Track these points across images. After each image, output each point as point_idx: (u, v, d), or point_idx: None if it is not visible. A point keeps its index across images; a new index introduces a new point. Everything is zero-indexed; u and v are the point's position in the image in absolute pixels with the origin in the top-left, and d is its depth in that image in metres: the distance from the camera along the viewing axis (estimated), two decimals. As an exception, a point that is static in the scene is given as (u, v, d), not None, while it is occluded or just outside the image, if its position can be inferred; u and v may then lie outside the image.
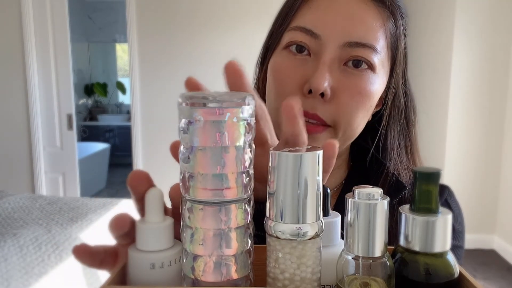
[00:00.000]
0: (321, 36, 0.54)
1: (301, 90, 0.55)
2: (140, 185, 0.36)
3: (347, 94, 0.54)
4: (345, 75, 0.55)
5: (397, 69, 0.60)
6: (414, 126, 0.65)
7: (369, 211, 0.32)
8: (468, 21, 3.11)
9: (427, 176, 0.33)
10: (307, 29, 0.55)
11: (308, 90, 0.53)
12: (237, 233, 0.33)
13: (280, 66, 0.57)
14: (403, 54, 0.60)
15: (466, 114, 3.23)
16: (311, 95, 0.53)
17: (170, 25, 3.16)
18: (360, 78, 0.55)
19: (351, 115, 0.55)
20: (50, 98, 3.14)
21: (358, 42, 0.54)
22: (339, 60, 0.54)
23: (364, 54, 0.54)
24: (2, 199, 2.16)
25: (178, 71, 3.18)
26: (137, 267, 0.35)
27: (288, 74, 0.56)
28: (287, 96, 0.54)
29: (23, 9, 2.96)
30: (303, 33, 0.55)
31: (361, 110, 0.56)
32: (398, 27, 0.58)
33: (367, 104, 0.56)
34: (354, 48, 0.54)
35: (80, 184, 3.31)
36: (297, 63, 0.56)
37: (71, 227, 1.81)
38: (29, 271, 1.49)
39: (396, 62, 0.59)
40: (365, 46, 0.54)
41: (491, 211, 3.35)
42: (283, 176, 0.32)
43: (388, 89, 0.60)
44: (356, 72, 0.55)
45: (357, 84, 0.55)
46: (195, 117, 0.32)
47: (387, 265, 0.32)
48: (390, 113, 0.62)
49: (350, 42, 0.53)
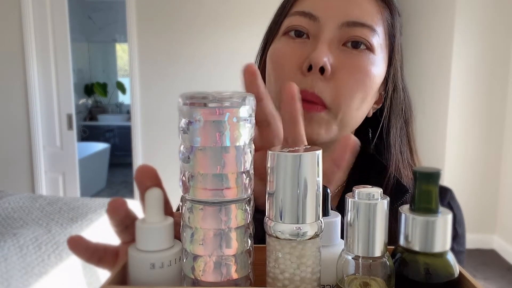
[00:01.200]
0: (319, 18, 0.55)
1: (300, 70, 0.54)
2: (146, 181, 0.36)
3: (346, 72, 0.54)
4: (344, 55, 0.55)
5: (395, 57, 0.60)
6: (413, 124, 0.64)
7: (369, 211, 0.32)
8: (468, 22, 3.11)
9: (427, 176, 0.33)
10: (306, 13, 0.55)
11: (307, 67, 0.53)
12: (237, 233, 0.33)
13: (280, 51, 0.58)
14: (400, 47, 0.60)
15: (466, 114, 3.23)
16: (311, 72, 0.53)
17: (170, 25, 3.16)
18: (360, 57, 0.55)
19: (350, 94, 0.55)
20: (50, 98, 3.14)
21: (356, 22, 0.54)
22: (338, 40, 0.55)
23: (362, 34, 0.54)
24: (2, 199, 2.16)
25: (178, 71, 3.18)
26: (137, 267, 0.35)
27: (288, 57, 0.56)
28: (287, 78, 0.54)
29: (23, 9, 2.96)
30: (301, 17, 0.56)
31: (360, 90, 0.55)
32: (395, 17, 0.59)
33: (367, 84, 0.56)
34: (352, 28, 0.54)
35: (80, 184, 3.31)
36: (296, 46, 0.56)
37: (71, 227, 1.81)
38: (29, 271, 1.49)
39: (394, 50, 0.59)
40: (364, 25, 0.54)
41: (491, 211, 3.35)
42: (282, 176, 0.32)
43: (387, 79, 0.60)
44: (355, 52, 0.55)
45: (356, 63, 0.55)
46: (195, 117, 0.32)
47: (387, 265, 0.32)
48: (391, 108, 0.62)
49: (348, 22, 0.54)
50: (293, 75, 0.55)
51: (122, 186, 5.25)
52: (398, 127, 0.63)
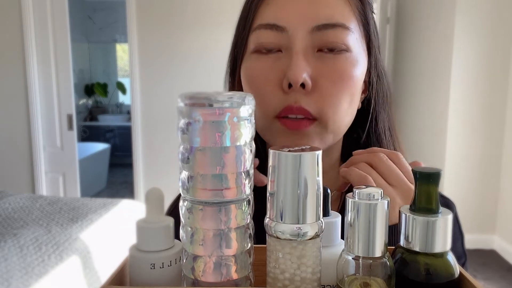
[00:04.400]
0: (286, 28, 0.51)
1: (280, 87, 0.52)
2: None
3: (327, 81, 0.52)
4: (322, 61, 0.52)
5: (374, 46, 0.57)
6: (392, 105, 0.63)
7: (369, 211, 0.32)
8: (468, 22, 3.11)
9: (427, 176, 0.33)
10: (271, 24, 0.52)
11: (287, 85, 0.51)
12: (237, 233, 0.33)
13: (253, 70, 0.55)
14: (376, 32, 0.58)
15: (467, 114, 3.23)
16: (292, 88, 0.51)
17: (170, 25, 3.16)
18: (338, 61, 0.52)
19: (336, 102, 0.53)
20: (50, 98, 3.14)
21: (326, 24, 0.51)
22: (312, 47, 0.52)
23: (335, 36, 0.52)
24: (2, 199, 2.16)
25: (178, 71, 3.18)
26: (137, 267, 0.35)
27: (264, 76, 0.53)
28: (268, 98, 0.53)
29: (23, 9, 2.96)
30: (267, 30, 0.52)
31: (346, 95, 0.53)
32: (364, 2, 0.56)
33: (351, 87, 0.54)
34: (323, 32, 0.51)
35: (81, 184, 3.31)
36: (269, 62, 0.53)
37: (71, 227, 1.81)
38: (29, 271, 1.49)
39: (371, 38, 0.57)
40: (335, 26, 0.51)
41: (491, 211, 3.35)
42: (283, 176, 0.32)
43: (370, 70, 0.58)
44: (332, 56, 0.52)
45: (336, 69, 0.52)
46: (194, 117, 0.32)
47: (387, 265, 0.32)
48: (377, 96, 0.60)
49: (318, 26, 0.51)
50: (274, 94, 0.53)
51: (123, 186, 5.25)
52: (385, 113, 0.62)
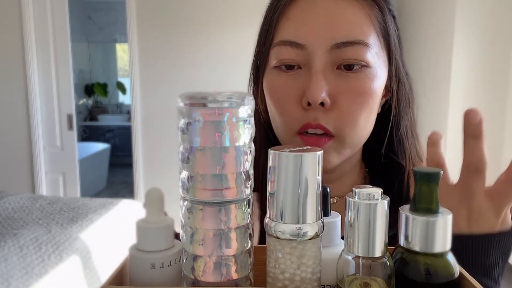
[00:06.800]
0: (306, 46, 0.52)
1: (300, 104, 0.54)
2: None
3: (347, 98, 0.53)
4: (341, 79, 0.53)
5: (394, 55, 0.58)
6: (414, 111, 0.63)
7: (369, 211, 0.32)
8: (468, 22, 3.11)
9: (427, 176, 0.33)
10: (291, 42, 0.53)
11: (307, 103, 0.53)
12: (237, 233, 0.33)
13: (274, 86, 0.57)
14: (397, 38, 0.58)
15: (467, 114, 3.22)
16: (311, 106, 0.53)
17: (170, 25, 3.16)
18: (357, 78, 0.53)
19: (354, 119, 0.54)
20: (50, 98, 3.14)
21: (345, 42, 0.52)
22: (331, 64, 0.53)
23: (354, 54, 0.52)
24: (2, 199, 2.16)
25: (179, 71, 3.18)
26: (137, 267, 0.35)
27: (284, 93, 0.55)
28: (289, 114, 0.55)
29: (23, 9, 2.96)
30: (287, 47, 0.54)
31: (364, 110, 0.54)
32: (384, 12, 0.55)
33: (370, 103, 0.54)
34: (342, 49, 0.52)
35: (81, 184, 3.31)
36: (289, 80, 0.55)
37: (71, 227, 1.81)
38: (29, 271, 1.49)
39: (391, 49, 0.57)
40: (354, 43, 0.52)
41: (492, 211, 3.34)
42: (283, 176, 0.32)
43: (390, 77, 0.59)
44: (351, 74, 0.53)
45: (355, 86, 0.53)
46: (194, 117, 0.32)
47: (387, 265, 0.32)
48: (399, 102, 0.60)
49: (337, 44, 0.52)
50: (294, 111, 0.54)
51: (123, 186, 5.25)
52: (407, 117, 0.62)
